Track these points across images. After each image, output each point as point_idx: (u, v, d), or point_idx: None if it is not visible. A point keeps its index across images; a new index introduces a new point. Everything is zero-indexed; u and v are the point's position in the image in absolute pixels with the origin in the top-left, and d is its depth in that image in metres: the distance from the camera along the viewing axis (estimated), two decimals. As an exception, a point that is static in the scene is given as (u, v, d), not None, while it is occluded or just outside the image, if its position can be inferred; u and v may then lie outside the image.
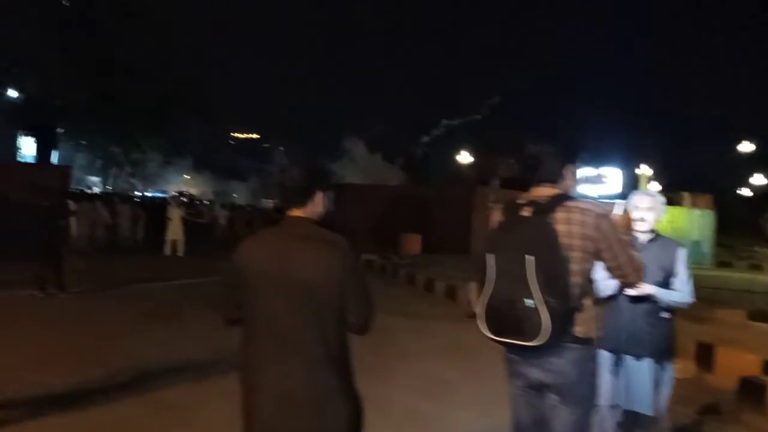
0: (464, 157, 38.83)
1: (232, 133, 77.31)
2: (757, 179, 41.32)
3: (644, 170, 24.11)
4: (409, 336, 7.68)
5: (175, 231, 15.86)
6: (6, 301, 8.54)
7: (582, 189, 23.44)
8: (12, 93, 24.90)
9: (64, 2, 23.59)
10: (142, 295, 9.95)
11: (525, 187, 2.58)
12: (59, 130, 27.25)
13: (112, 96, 23.93)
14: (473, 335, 2.66)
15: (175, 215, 15.92)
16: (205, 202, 33.88)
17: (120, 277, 11.34)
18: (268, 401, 2.08)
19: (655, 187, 25.64)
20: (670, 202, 21.99)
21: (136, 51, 24.26)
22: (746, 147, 39.33)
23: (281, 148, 66.61)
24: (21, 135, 27.41)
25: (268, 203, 42.54)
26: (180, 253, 15.72)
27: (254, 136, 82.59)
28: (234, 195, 59.87)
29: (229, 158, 67.49)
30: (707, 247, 21.31)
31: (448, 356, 6.75)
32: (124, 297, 9.66)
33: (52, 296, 8.96)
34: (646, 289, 3.01)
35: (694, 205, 21.27)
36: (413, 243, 19.20)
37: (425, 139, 51.47)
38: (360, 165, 44.83)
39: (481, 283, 2.43)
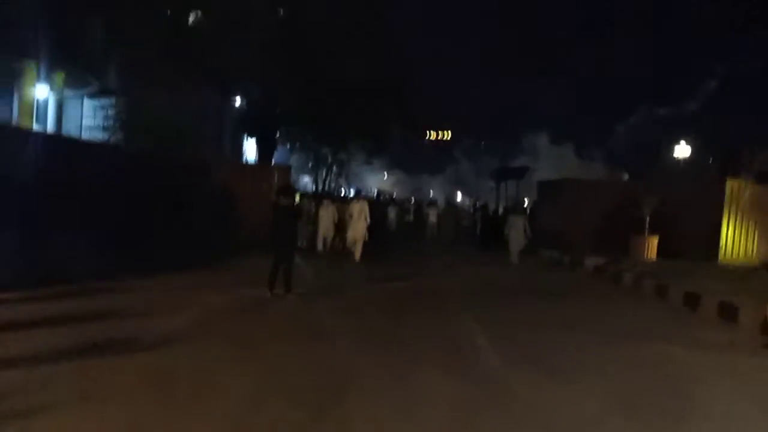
0: (682, 150, 34.13)
1: (424, 132, 77.85)
2: None
3: None
4: (705, 374, 5.91)
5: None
6: (234, 301, 8.39)
7: None
8: (238, 101, 26.96)
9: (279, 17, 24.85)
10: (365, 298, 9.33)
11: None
12: (278, 134, 29.16)
13: (323, 102, 24.83)
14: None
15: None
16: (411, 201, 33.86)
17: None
18: None
19: None
20: None
21: (346, 64, 24.97)
22: None
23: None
24: (246, 138, 29.65)
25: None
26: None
27: (445, 134, 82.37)
28: (430, 191, 60.28)
29: (421, 156, 68.13)
30: None
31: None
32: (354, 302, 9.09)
33: (281, 297, 8.66)
34: None
35: None
36: (648, 247, 16.64)
37: (621, 128, 47.05)
38: (547, 159, 42.27)
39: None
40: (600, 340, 7.21)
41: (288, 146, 36.00)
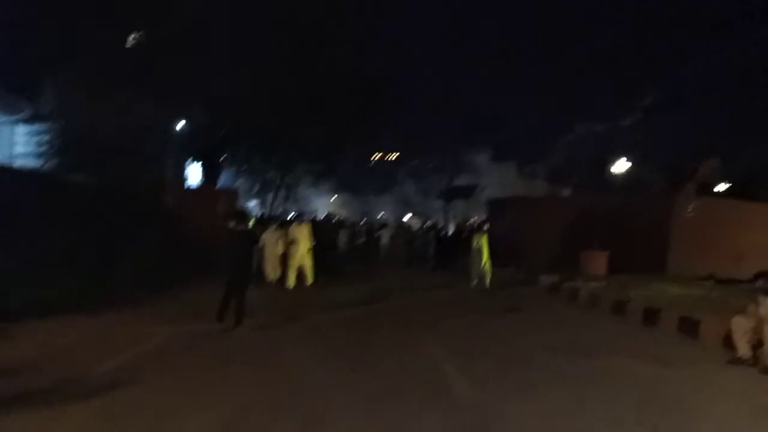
0: (621, 165, 35.10)
1: (372, 152, 77.84)
2: None
3: None
4: (687, 391, 5.76)
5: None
6: (182, 335, 7.80)
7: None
8: (181, 123, 26.15)
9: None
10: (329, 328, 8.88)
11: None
12: (223, 158, 28.43)
13: (270, 123, 24.36)
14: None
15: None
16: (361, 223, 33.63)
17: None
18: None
19: None
20: None
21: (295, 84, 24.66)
22: None
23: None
24: (190, 161, 28.78)
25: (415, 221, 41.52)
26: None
27: (391, 154, 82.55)
28: (380, 213, 60.24)
29: (368, 177, 68.03)
30: None
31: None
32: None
33: (231, 329, 8.11)
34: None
35: None
36: (597, 262, 16.77)
37: (561, 145, 48.44)
38: (489, 177, 42.91)
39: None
40: (566, 358, 7.04)
41: (234, 170, 35.33)
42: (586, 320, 10.28)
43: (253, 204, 49.46)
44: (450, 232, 23.17)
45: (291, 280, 13.15)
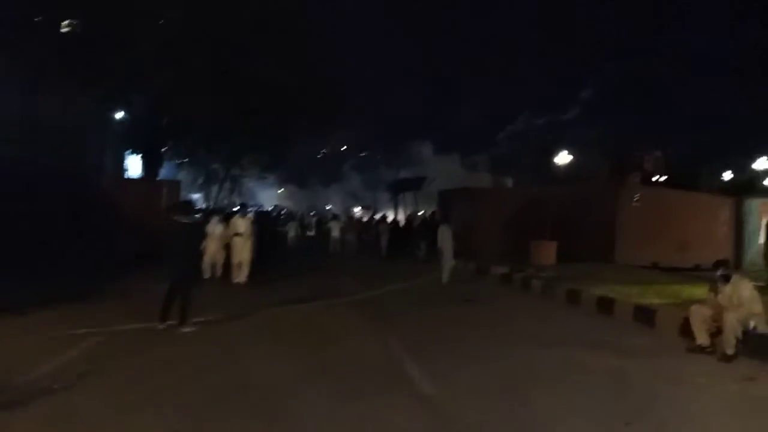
0: (563, 157, 35.78)
1: (320, 145, 77.16)
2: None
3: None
4: (654, 383, 5.67)
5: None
6: (121, 337, 7.24)
7: None
8: (120, 113, 25.01)
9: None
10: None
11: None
12: (165, 149, 27.50)
13: (217, 115, 23.72)
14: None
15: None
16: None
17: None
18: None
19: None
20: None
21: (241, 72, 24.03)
22: None
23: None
24: (129, 153, 27.62)
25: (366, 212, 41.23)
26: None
27: (340, 147, 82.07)
28: (328, 205, 59.68)
29: (316, 169, 67.39)
30: None
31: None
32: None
33: (175, 330, 7.59)
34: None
35: None
36: (547, 252, 16.90)
37: (503, 137, 49.32)
38: (433, 169, 43.13)
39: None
40: (529, 351, 6.91)
41: (177, 162, 34.16)
42: (542, 311, 10.21)
43: (197, 196, 48.20)
44: (401, 224, 22.97)
45: (235, 276, 12.41)
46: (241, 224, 12.61)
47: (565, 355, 6.72)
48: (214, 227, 12.69)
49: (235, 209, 16.21)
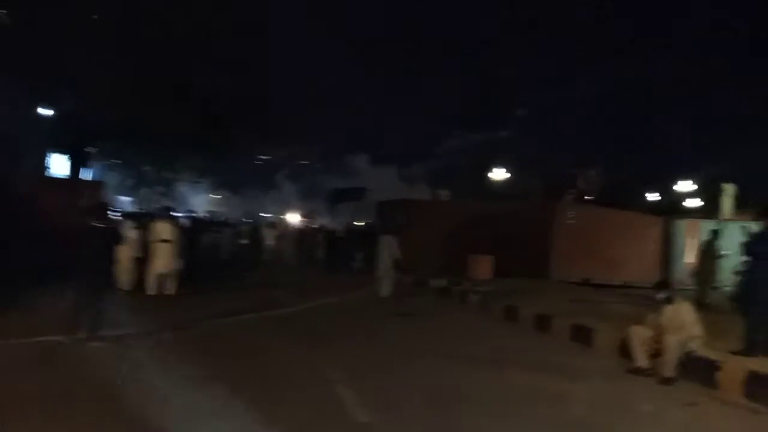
0: (499, 173, 36.31)
1: (257, 151, 75.54)
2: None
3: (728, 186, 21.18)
4: (599, 410, 5.45)
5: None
6: (25, 351, 6.48)
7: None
8: (45, 111, 23.64)
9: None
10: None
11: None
12: (91, 149, 26.40)
13: (147, 116, 22.93)
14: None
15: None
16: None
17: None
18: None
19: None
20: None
21: (172, 73, 23.38)
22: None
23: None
24: (51, 153, 26.13)
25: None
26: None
27: (276, 155, 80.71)
28: (265, 212, 58.52)
29: (252, 175, 66.00)
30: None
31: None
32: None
33: (86, 343, 6.87)
34: None
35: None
36: (484, 266, 16.86)
37: (439, 151, 49.94)
38: (370, 179, 43.10)
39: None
40: (469, 372, 6.64)
41: (105, 163, 32.77)
42: (480, 327, 10.02)
43: (127, 200, 46.30)
44: (340, 235, 22.53)
45: (153, 287, 11.32)
46: (166, 230, 11.59)
47: (505, 377, 6.48)
48: (128, 232, 11.12)
49: (155, 213, 15.01)
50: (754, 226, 7.32)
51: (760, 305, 6.62)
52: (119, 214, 16.56)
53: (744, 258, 7.07)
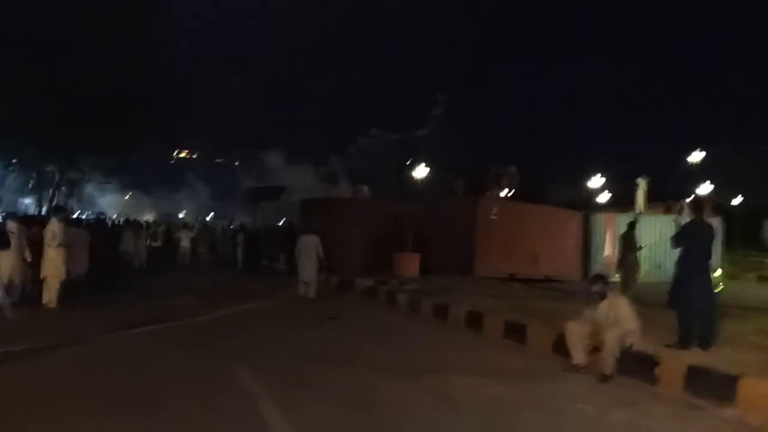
0: (420, 171, 36.34)
1: (172, 149, 72.79)
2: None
3: (641, 180, 22.14)
4: (543, 416, 5.10)
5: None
6: None
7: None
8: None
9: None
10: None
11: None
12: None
13: (47, 112, 21.50)
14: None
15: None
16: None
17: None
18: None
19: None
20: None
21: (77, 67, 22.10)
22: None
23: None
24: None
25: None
26: None
27: (188, 152, 78.00)
28: (181, 213, 56.29)
29: (166, 176, 63.42)
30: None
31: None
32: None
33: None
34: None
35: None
36: (410, 264, 16.55)
37: (355, 149, 50.00)
38: (286, 177, 42.48)
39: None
40: (403, 380, 6.13)
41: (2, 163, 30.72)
42: (410, 328, 9.60)
43: (28, 201, 43.14)
44: (261, 235, 21.62)
45: (47, 296, 10.08)
46: (50, 231, 10.15)
47: (438, 384, 6.02)
48: (15, 236, 9.88)
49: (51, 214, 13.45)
50: (685, 218, 7.25)
51: (693, 297, 6.52)
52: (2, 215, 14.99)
53: (673, 249, 6.97)
